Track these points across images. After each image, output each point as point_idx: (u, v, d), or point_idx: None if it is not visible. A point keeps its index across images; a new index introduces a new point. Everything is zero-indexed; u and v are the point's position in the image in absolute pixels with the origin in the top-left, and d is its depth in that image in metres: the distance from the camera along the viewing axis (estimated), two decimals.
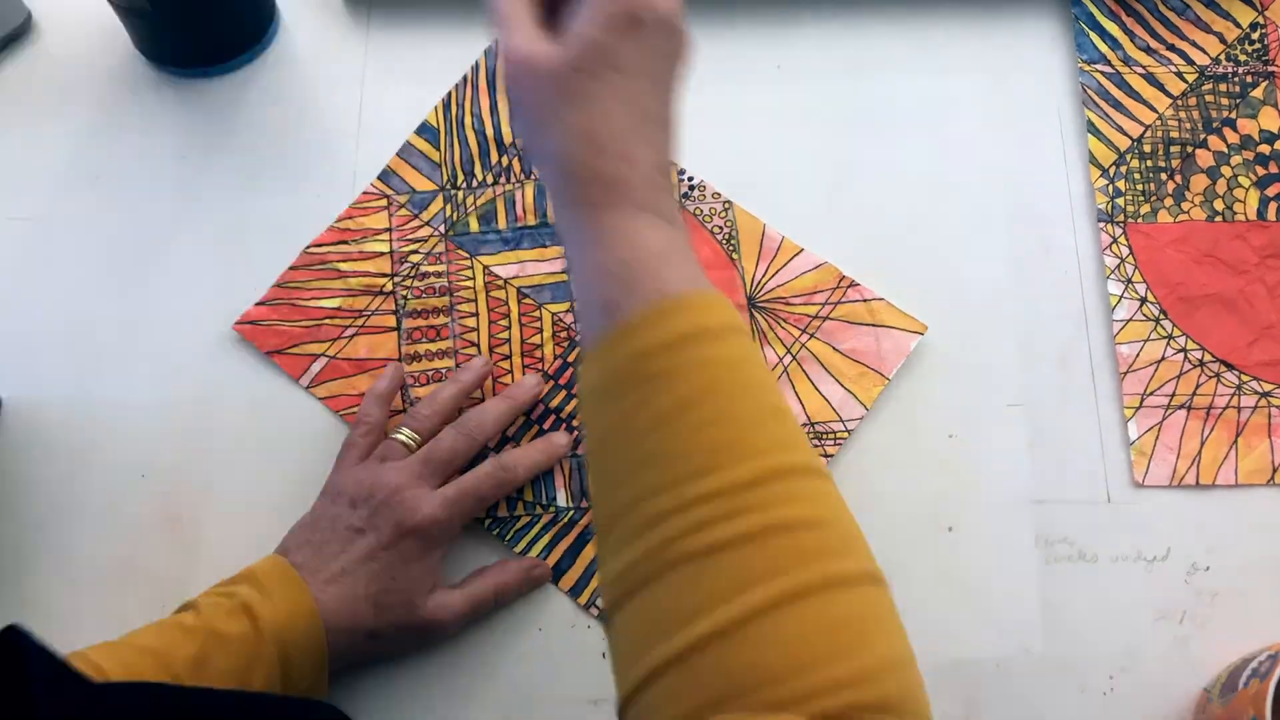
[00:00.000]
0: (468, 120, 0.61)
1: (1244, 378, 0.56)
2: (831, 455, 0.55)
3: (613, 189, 0.36)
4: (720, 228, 0.59)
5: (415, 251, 0.58)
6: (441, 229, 0.59)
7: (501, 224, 0.59)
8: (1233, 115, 0.62)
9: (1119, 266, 0.58)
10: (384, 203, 0.59)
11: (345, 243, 0.59)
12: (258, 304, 0.57)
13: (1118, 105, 0.62)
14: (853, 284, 0.57)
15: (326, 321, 0.57)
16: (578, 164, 0.37)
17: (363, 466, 0.50)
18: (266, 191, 0.60)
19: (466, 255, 0.58)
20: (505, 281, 0.58)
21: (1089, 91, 0.62)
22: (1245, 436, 0.56)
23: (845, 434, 0.55)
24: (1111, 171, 0.60)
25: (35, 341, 0.57)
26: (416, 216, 0.59)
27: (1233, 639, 0.52)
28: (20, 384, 0.56)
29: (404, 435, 0.51)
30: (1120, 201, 0.60)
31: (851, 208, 0.60)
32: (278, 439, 0.55)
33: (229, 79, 0.62)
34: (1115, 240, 0.59)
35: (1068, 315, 0.58)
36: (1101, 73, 0.62)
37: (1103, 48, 0.63)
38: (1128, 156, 0.61)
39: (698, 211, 0.59)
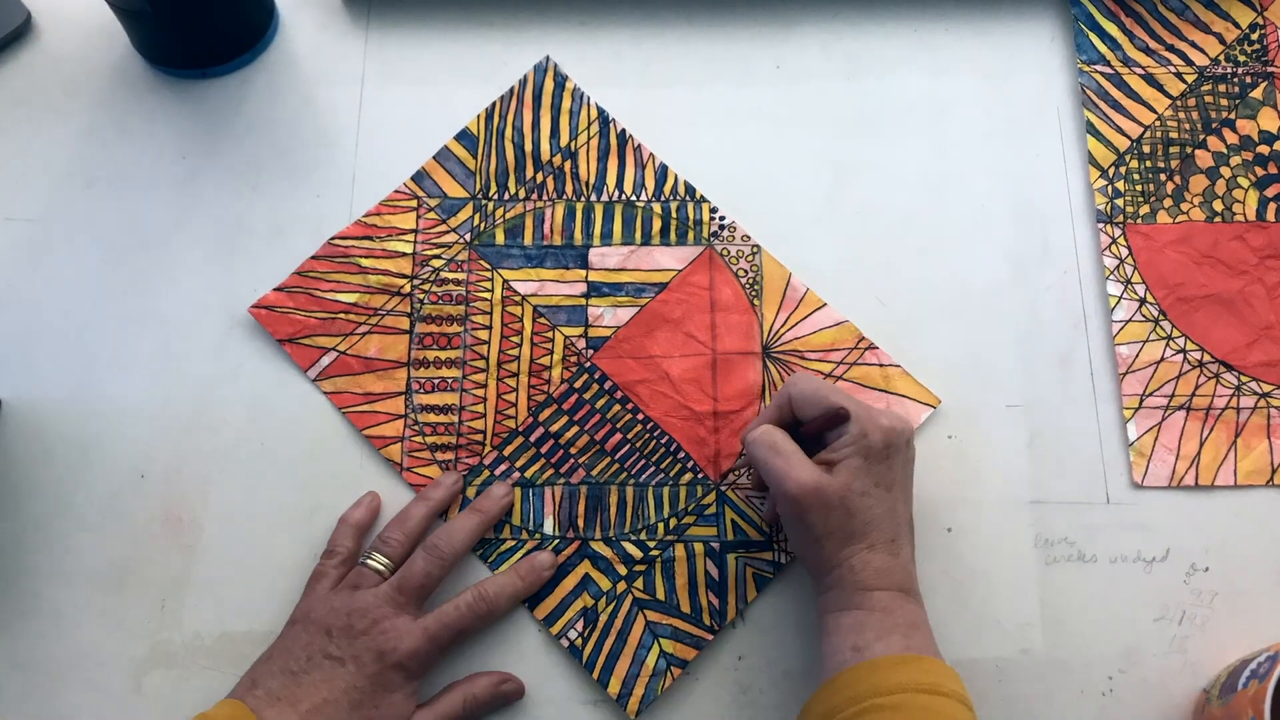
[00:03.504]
0: (508, 132, 0.61)
1: (1243, 378, 0.56)
2: None
3: (884, 574, 0.46)
4: (745, 271, 0.58)
5: (438, 256, 0.58)
6: (467, 237, 0.59)
7: (527, 240, 0.59)
8: (1232, 116, 0.62)
9: (1118, 267, 0.58)
10: (414, 203, 0.59)
11: (370, 239, 0.59)
12: (276, 289, 0.57)
13: (1117, 106, 0.62)
14: (871, 347, 0.57)
15: (341, 316, 0.57)
16: (859, 560, 0.46)
17: (336, 594, 0.50)
18: (266, 191, 0.60)
19: (488, 267, 0.58)
20: (523, 298, 0.58)
21: (1088, 92, 0.62)
22: (1244, 437, 0.56)
23: None
24: (1111, 172, 0.60)
25: (35, 341, 0.57)
26: (444, 222, 0.59)
27: (1232, 640, 0.52)
28: (20, 384, 0.56)
29: (376, 561, 0.51)
30: (1119, 202, 0.60)
31: (851, 208, 0.60)
32: (278, 439, 0.55)
33: (229, 79, 0.62)
34: (1114, 241, 0.59)
35: (1067, 316, 0.58)
36: (1101, 73, 0.62)
37: (1102, 48, 0.63)
38: (1127, 157, 0.61)
39: (725, 252, 0.59)
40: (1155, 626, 0.52)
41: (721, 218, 0.59)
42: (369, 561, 0.51)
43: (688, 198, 0.60)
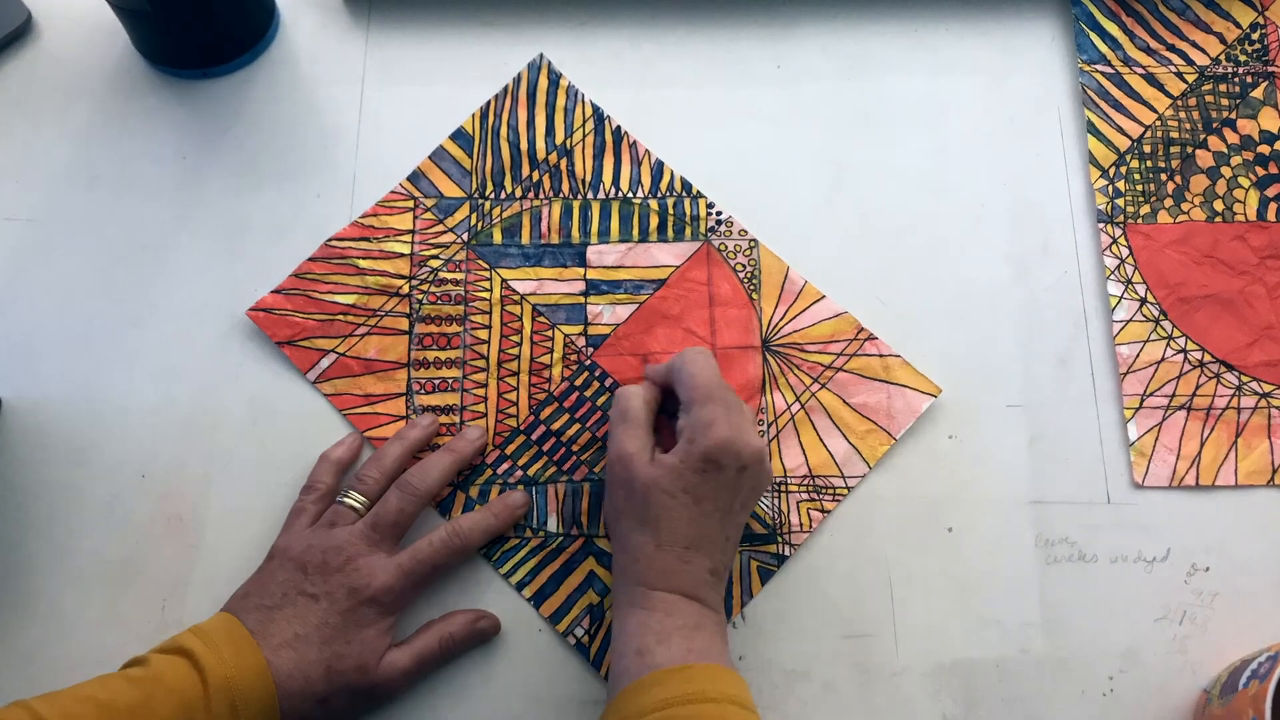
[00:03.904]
0: (503, 131, 0.61)
1: (1244, 378, 0.56)
2: (829, 510, 0.54)
3: (667, 577, 0.46)
4: (743, 265, 0.58)
5: (435, 256, 0.58)
6: (464, 237, 0.59)
7: (525, 239, 0.59)
8: (1232, 116, 0.62)
9: (1119, 267, 0.58)
10: (410, 204, 0.59)
11: (367, 239, 0.59)
12: (273, 292, 0.57)
13: (1118, 105, 0.62)
14: (870, 337, 0.57)
15: (340, 317, 0.57)
16: (643, 553, 0.47)
17: (312, 531, 0.50)
18: (266, 191, 0.60)
19: (486, 266, 0.58)
20: (522, 297, 0.58)
21: (1089, 92, 0.62)
22: (1245, 437, 0.56)
23: (845, 490, 0.54)
24: (1111, 172, 0.60)
25: (35, 341, 0.57)
26: (441, 222, 0.59)
27: (1232, 639, 0.52)
28: (20, 384, 0.56)
29: (352, 499, 0.51)
30: (1120, 202, 0.60)
31: (851, 208, 0.60)
32: (278, 439, 0.55)
33: (229, 79, 0.62)
34: (1115, 241, 0.59)
35: (1068, 316, 0.58)
36: (1101, 73, 0.62)
37: (1103, 48, 0.63)
38: (1127, 157, 0.61)
39: (723, 247, 0.59)
40: (1156, 626, 0.52)
41: (718, 213, 0.59)
42: (345, 499, 0.51)
43: (684, 194, 0.60)
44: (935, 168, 0.61)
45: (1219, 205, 0.60)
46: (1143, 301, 0.58)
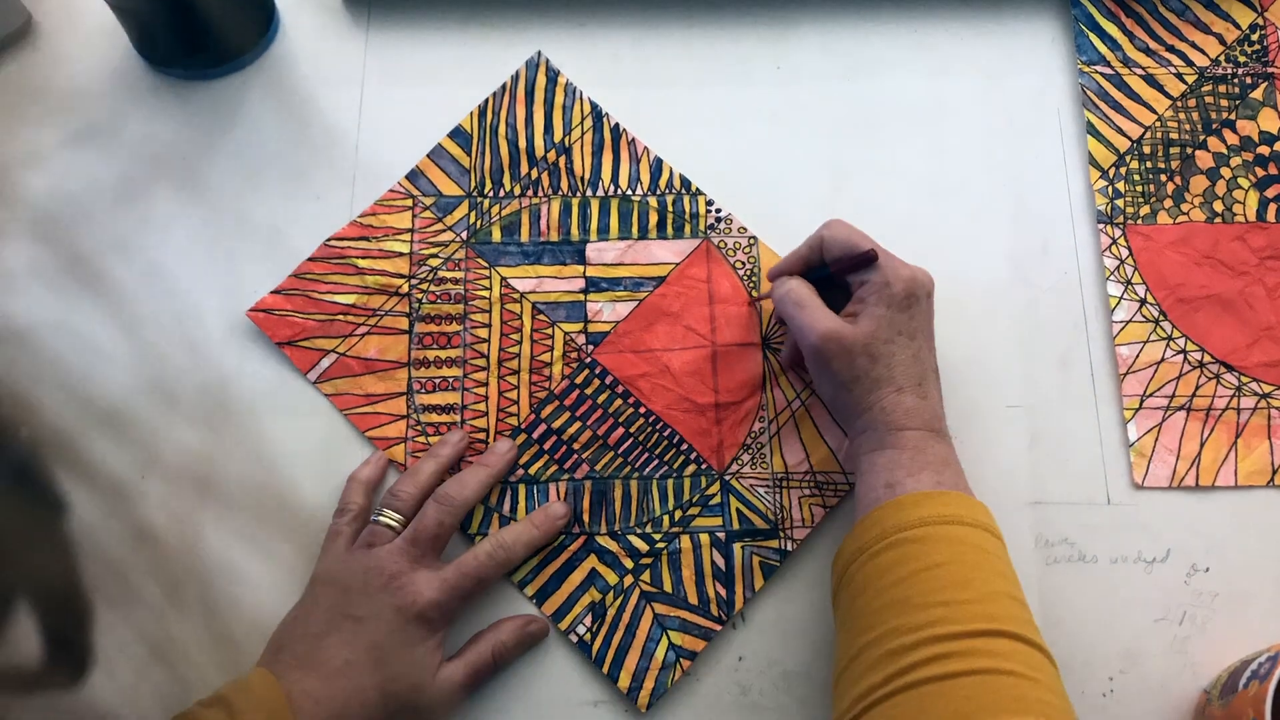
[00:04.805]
0: (502, 129, 0.61)
1: (1244, 379, 0.57)
2: (831, 506, 0.54)
3: (912, 414, 0.48)
4: (743, 263, 0.58)
5: (435, 255, 0.58)
6: (463, 235, 0.59)
7: (524, 237, 0.59)
8: (1232, 116, 0.62)
9: (1119, 268, 0.58)
10: (409, 203, 0.59)
11: (366, 239, 0.59)
12: (273, 292, 0.57)
13: (1117, 106, 0.62)
14: None
15: (340, 317, 0.57)
16: (886, 402, 0.48)
17: (351, 554, 0.50)
18: (266, 191, 0.60)
19: (485, 265, 0.58)
20: (521, 295, 0.58)
21: (1088, 93, 0.62)
22: (1245, 438, 0.56)
23: (847, 487, 0.54)
24: (1111, 173, 0.60)
25: (34, 341, 0.57)
26: (440, 220, 0.59)
27: (1232, 640, 0.52)
28: (20, 383, 0.56)
29: (387, 518, 0.51)
30: (1120, 203, 0.60)
31: (851, 208, 0.60)
32: (279, 439, 0.55)
33: (229, 79, 0.62)
34: (1115, 241, 0.59)
35: (1068, 316, 0.58)
36: (1101, 74, 0.62)
37: (1102, 49, 0.63)
38: (1127, 158, 0.61)
39: (722, 245, 0.59)
40: (1156, 627, 0.52)
41: (718, 210, 0.59)
42: (380, 518, 0.51)
43: (683, 191, 0.60)
44: (935, 168, 0.61)
45: (1219, 206, 0.60)
46: (1142, 302, 0.58)
